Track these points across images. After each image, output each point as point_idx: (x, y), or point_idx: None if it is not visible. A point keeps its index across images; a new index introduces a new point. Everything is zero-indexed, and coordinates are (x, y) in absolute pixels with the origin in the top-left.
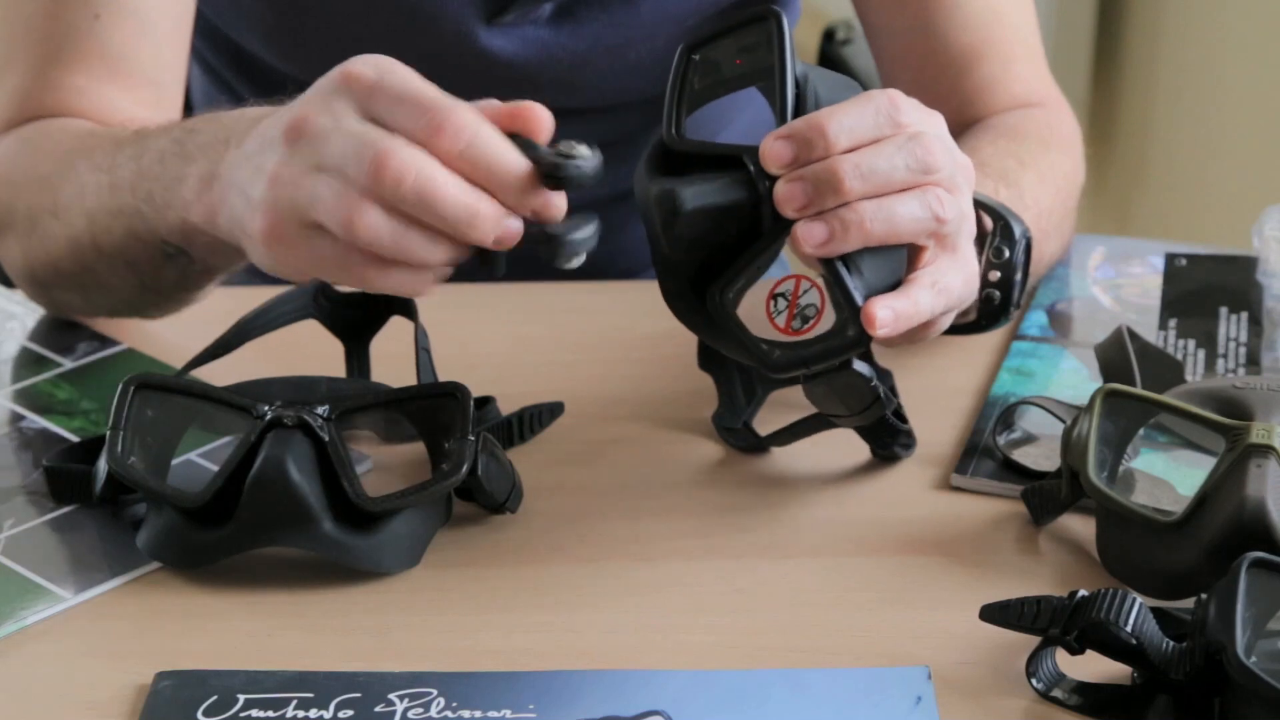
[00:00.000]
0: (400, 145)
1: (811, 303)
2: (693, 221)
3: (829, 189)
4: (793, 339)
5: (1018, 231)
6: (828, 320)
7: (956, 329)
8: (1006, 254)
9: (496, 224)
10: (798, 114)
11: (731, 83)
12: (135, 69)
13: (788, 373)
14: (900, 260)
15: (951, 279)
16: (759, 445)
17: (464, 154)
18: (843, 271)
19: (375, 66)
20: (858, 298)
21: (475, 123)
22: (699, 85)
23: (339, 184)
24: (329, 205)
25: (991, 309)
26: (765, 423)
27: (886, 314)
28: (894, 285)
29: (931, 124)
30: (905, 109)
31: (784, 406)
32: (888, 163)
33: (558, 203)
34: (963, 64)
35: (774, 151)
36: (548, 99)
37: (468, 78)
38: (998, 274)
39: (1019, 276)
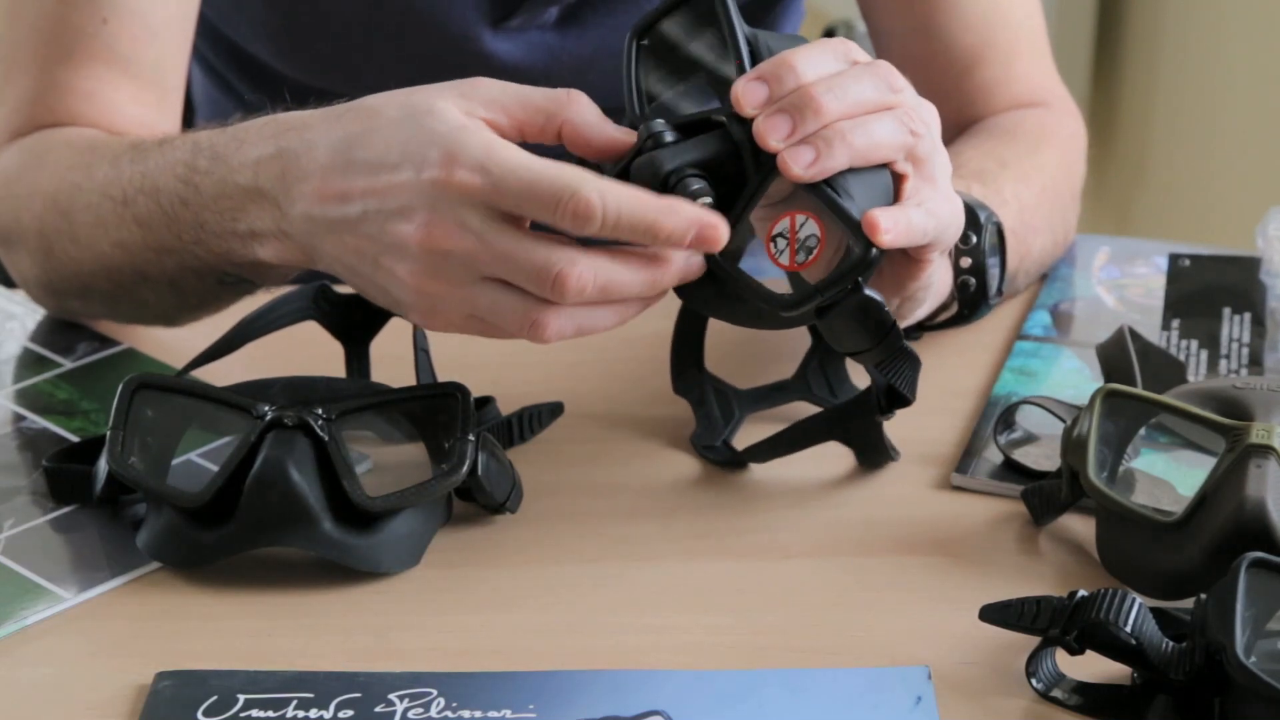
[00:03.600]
0: (570, 258)
1: (812, 233)
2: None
3: (808, 111)
4: (800, 272)
5: (982, 217)
6: (830, 246)
7: (941, 324)
8: (974, 239)
9: (678, 275)
10: (754, 63)
11: (691, 59)
12: (141, 72)
13: (802, 308)
14: (887, 187)
15: (938, 204)
16: (738, 461)
17: (617, 226)
18: (837, 196)
19: (476, 167)
20: (855, 214)
21: (603, 191)
22: (660, 68)
23: (516, 298)
24: (511, 317)
25: (969, 296)
26: (745, 442)
27: (888, 220)
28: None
29: (884, 61)
30: (858, 50)
31: (763, 424)
32: (856, 83)
33: (718, 230)
34: (964, 65)
35: (748, 92)
36: None
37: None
38: (969, 260)
39: (991, 261)
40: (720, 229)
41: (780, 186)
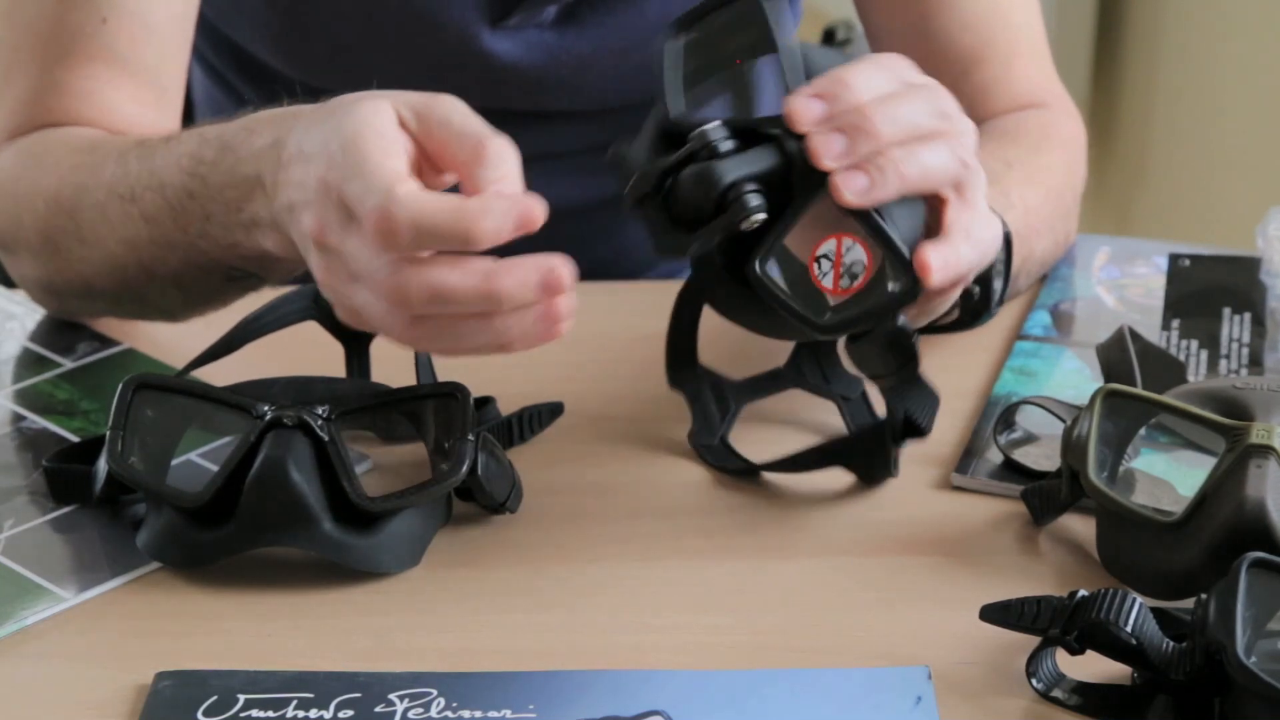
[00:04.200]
0: (394, 270)
1: (858, 259)
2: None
3: (863, 134)
4: (843, 298)
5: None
6: (875, 275)
7: (941, 328)
8: None
9: (524, 282)
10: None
11: (726, 60)
12: (140, 71)
13: (840, 333)
14: (921, 213)
15: (981, 231)
16: (738, 469)
17: (427, 237)
18: (886, 225)
19: (339, 166)
20: (904, 249)
21: (404, 202)
22: (694, 65)
23: (373, 299)
24: (378, 321)
25: (972, 304)
26: (741, 438)
27: (938, 260)
28: (917, 239)
29: (935, 81)
30: (911, 67)
31: (759, 421)
32: (911, 109)
33: (534, 211)
34: (963, 65)
35: (804, 108)
36: (551, 102)
37: (471, 81)
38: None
39: (997, 270)
40: (537, 209)
41: (822, 203)
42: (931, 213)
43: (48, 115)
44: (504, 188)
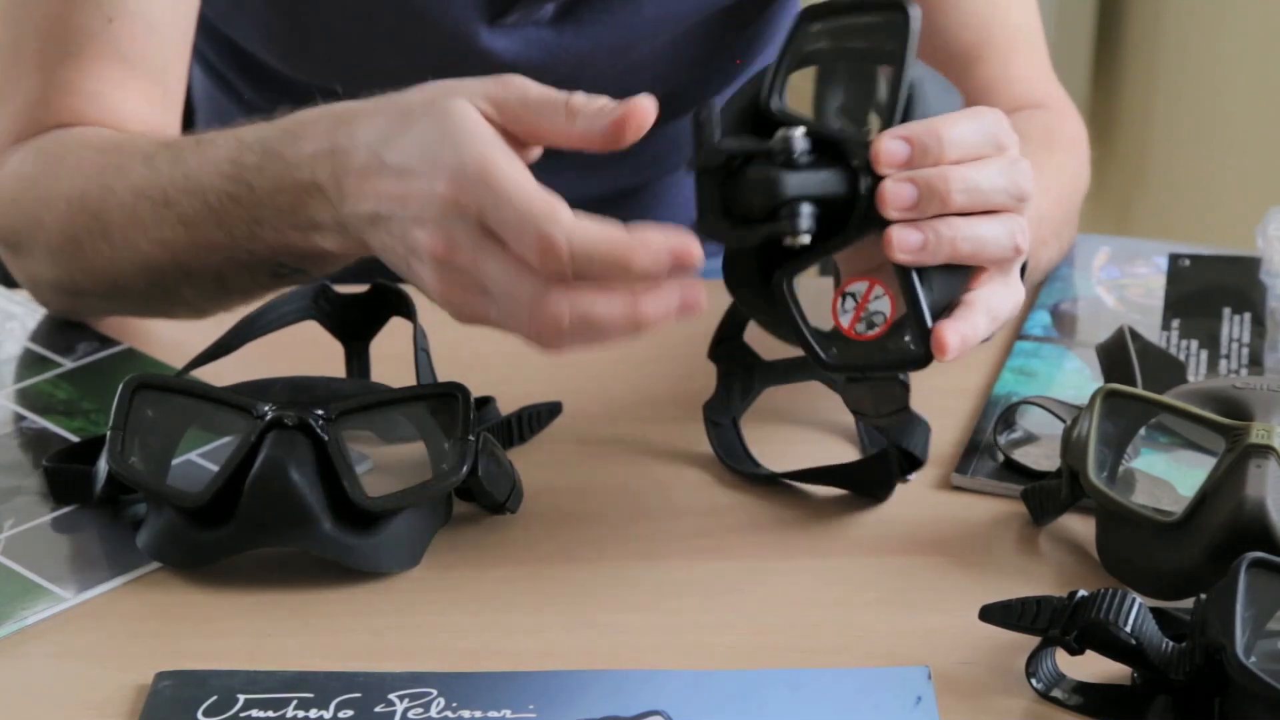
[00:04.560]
0: (543, 294)
1: (880, 310)
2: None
3: (935, 197)
4: (853, 340)
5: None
6: (891, 329)
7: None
8: None
9: (667, 308)
10: (907, 115)
11: (837, 59)
12: (146, 71)
13: (840, 374)
14: (963, 280)
15: (1003, 304)
16: (747, 473)
17: (589, 265)
18: (920, 289)
19: (474, 187)
20: (928, 319)
21: (570, 231)
22: (805, 52)
23: (512, 314)
24: (514, 326)
25: None
26: (753, 433)
27: (955, 340)
28: (950, 303)
29: (1024, 152)
30: (1008, 130)
31: (773, 415)
32: (990, 183)
33: (692, 253)
34: (963, 63)
35: (891, 151)
36: None
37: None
38: None
39: None
40: (695, 250)
41: (867, 242)
42: (966, 277)
43: (56, 116)
44: (609, 115)
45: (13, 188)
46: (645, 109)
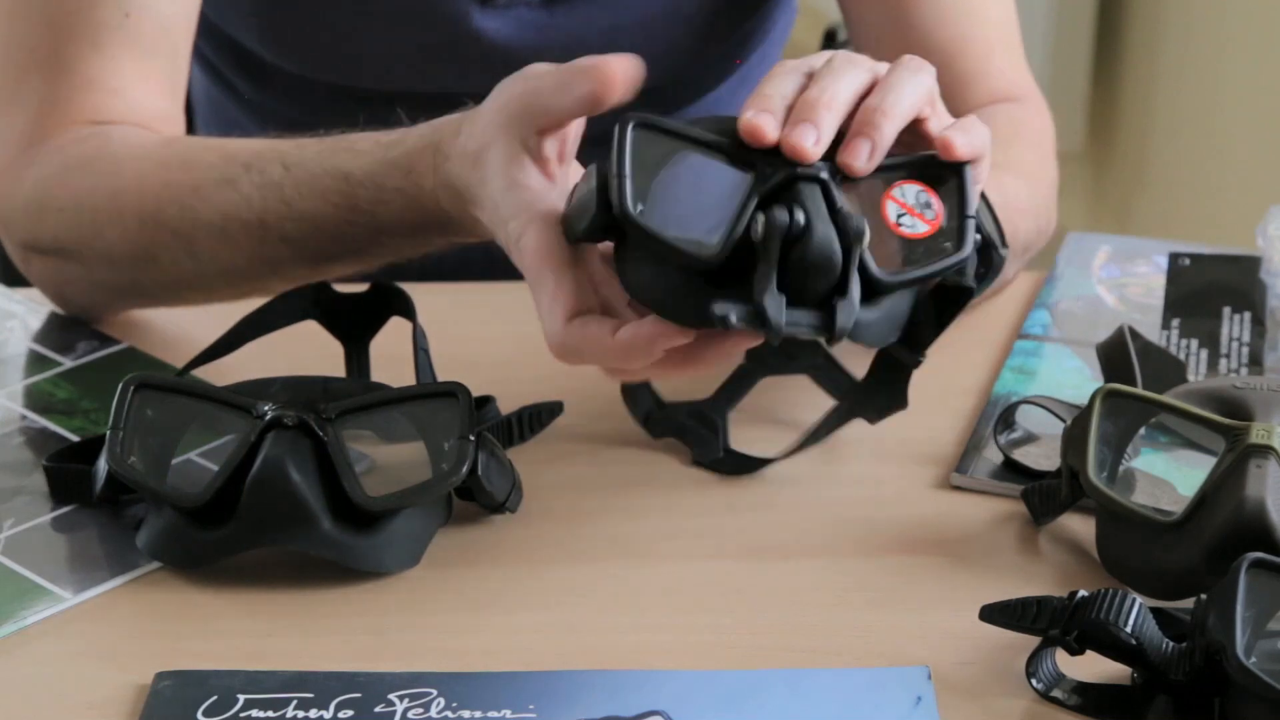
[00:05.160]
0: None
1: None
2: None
3: (809, 110)
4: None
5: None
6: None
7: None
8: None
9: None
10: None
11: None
12: (161, 64)
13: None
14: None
15: (972, 127)
16: (764, 464)
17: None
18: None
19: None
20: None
21: (558, 341)
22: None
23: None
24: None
25: (979, 249)
26: (741, 439)
27: (961, 138)
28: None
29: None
30: (807, 60)
31: (750, 422)
32: (841, 80)
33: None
34: (941, 58)
35: (755, 124)
36: None
37: (462, 65)
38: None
39: (983, 213)
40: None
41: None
42: (916, 132)
43: (78, 113)
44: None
45: (60, 196)
46: (623, 65)
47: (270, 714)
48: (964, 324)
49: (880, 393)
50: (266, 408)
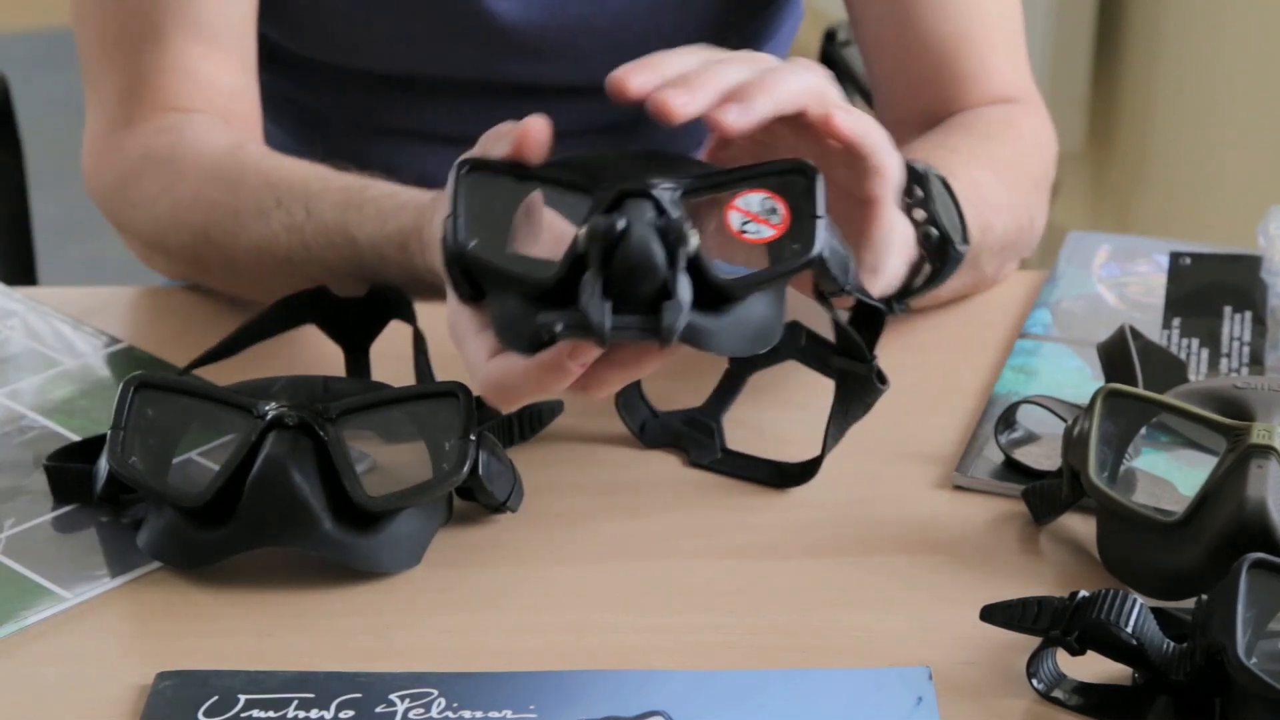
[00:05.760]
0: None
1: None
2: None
3: (686, 78)
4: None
5: (920, 167)
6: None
7: (922, 287)
8: (919, 191)
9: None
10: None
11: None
12: (226, 40)
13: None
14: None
15: (860, 114)
16: (776, 471)
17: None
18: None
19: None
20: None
21: (480, 376)
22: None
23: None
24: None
25: (935, 245)
26: (736, 438)
27: (845, 119)
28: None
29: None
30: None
31: (742, 426)
32: (727, 66)
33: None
34: (941, 55)
35: (619, 74)
36: (550, 73)
37: (471, 48)
38: (921, 211)
39: (944, 209)
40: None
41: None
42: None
43: (153, 96)
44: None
45: (133, 194)
46: (538, 127)
47: (271, 714)
48: (964, 324)
49: (852, 404)
50: (267, 407)
